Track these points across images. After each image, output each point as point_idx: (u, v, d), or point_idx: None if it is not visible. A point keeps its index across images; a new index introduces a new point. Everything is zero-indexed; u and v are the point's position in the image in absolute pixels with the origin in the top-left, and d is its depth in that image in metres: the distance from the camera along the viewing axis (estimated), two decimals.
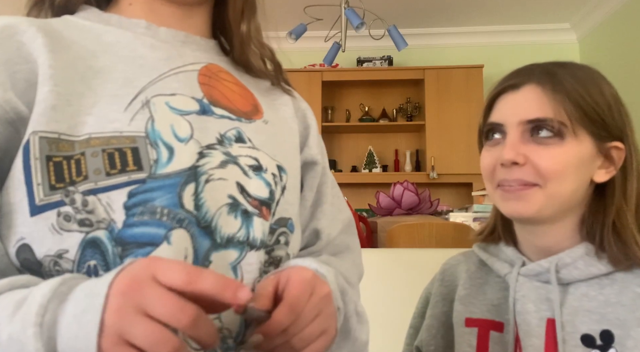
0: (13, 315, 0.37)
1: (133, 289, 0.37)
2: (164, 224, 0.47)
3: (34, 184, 0.45)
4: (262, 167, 0.56)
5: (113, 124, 0.49)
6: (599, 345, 0.66)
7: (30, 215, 0.44)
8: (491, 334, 0.74)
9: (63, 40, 0.52)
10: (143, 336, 0.36)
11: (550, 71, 0.70)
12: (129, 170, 0.47)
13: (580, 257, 0.69)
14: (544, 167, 0.67)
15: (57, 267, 0.44)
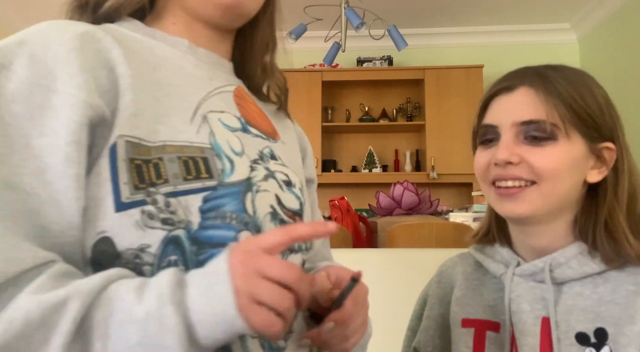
0: (140, 297, 0.42)
1: (248, 260, 0.44)
2: (233, 227, 0.53)
3: (120, 183, 0.49)
4: (292, 182, 0.63)
5: (183, 134, 0.54)
6: (593, 343, 0.66)
7: (115, 211, 0.48)
8: (487, 334, 0.76)
9: (131, 51, 0.55)
10: (268, 294, 0.43)
11: (543, 74, 0.72)
12: (202, 177, 0.53)
13: (574, 256, 0.70)
14: (538, 166, 0.68)
15: (138, 260, 0.48)
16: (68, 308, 0.41)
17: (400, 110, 4.09)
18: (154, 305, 0.42)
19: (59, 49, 0.50)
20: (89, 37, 0.53)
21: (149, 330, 0.41)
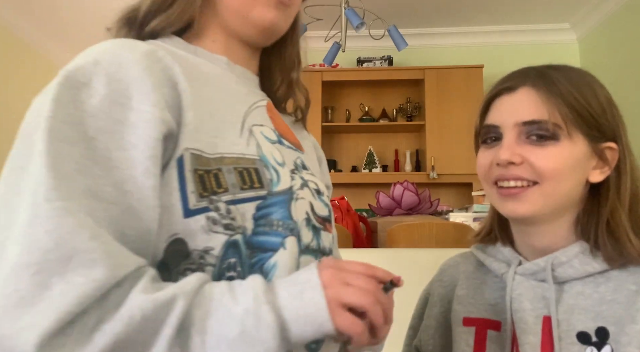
0: (234, 298, 0.48)
1: (336, 273, 0.52)
2: (281, 234, 0.58)
3: (188, 192, 0.53)
4: (321, 191, 0.68)
5: (236, 146, 0.59)
6: (594, 342, 0.67)
7: (184, 217, 0.53)
8: (488, 332, 0.76)
9: (185, 68, 0.59)
10: (354, 297, 0.50)
11: (545, 74, 0.72)
12: (255, 187, 0.58)
13: (576, 255, 0.70)
14: (540, 166, 0.68)
15: (202, 260, 0.53)
16: (175, 305, 0.46)
17: (400, 110, 4.09)
18: (252, 304, 0.47)
19: (131, 69, 0.53)
20: (154, 56, 0.56)
21: (248, 325, 0.46)
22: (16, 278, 0.42)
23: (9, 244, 0.44)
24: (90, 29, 3.76)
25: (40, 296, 0.42)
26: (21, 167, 0.48)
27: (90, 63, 0.53)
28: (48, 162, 0.47)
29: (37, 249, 0.43)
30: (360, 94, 4.18)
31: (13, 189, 0.48)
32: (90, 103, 0.51)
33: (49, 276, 0.43)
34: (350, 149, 4.17)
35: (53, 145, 0.47)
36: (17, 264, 0.43)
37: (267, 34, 0.68)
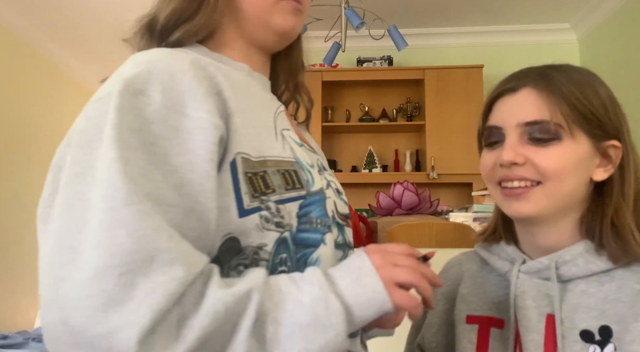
0: (300, 289, 0.52)
1: (383, 256, 0.58)
2: (320, 230, 0.62)
3: (242, 193, 0.56)
4: (340, 190, 0.73)
5: (275, 150, 0.62)
6: (597, 340, 0.67)
7: (238, 217, 0.56)
8: (492, 330, 0.76)
9: (224, 76, 0.61)
10: (404, 275, 0.57)
11: (546, 74, 0.72)
12: (296, 187, 0.62)
13: (580, 254, 0.70)
14: (543, 166, 0.68)
15: (255, 256, 0.57)
16: (252, 298, 0.49)
17: (400, 110, 4.09)
18: (319, 293, 0.52)
19: (182, 77, 0.56)
20: (199, 65, 0.58)
21: (318, 313, 0.51)
22: (102, 279, 0.44)
23: (86, 248, 0.46)
24: (93, 31, 3.76)
25: (128, 296, 0.44)
26: (83, 174, 0.50)
27: (144, 71, 0.55)
28: (121, 168, 0.48)
29: (120, 251, 0.45)
30: (360, 94, 4.17)
31: (77, 195, 0.49)
32: (148, 110, 0.52)
33: (134, 276, 0.45)
34: (350, 149, 4.16)
35: (123, 152, 0.49)
36: (101, 266, 0.44)
37: (285, 39, 0.71)
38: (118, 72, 0.56)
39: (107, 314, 0.44)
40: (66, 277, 0.46)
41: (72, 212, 0.48)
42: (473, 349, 0.76)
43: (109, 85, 0.55)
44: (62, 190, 0.51)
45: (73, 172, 0.51)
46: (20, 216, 3.65)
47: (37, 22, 3.67)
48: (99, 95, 0.55)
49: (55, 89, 4.20)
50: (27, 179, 3.76)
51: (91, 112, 0.54)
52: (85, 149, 0.51)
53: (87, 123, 0.53)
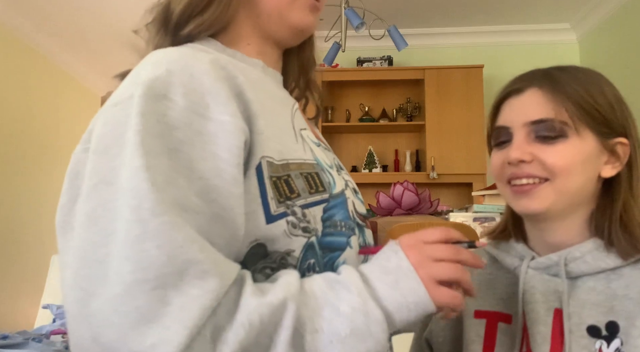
0: (337, 295, 0.50)
1: (421, 251, 0.54)
2: (345, 233, 0.61)
3: (268, 198, 0.54)
4: (357, 190, 0.71)
5: (296, 152, 0.60)
6: (604, 336, 0.68)
7: (266, 223, 0.54)
8: (499, 325, 0.77)
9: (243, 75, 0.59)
10: (445, 272, 0.54)
11: (551, 75, 0.74)
12: (320, 190, 0.60)
13: (589, 251, 0.71)
14: (550, 163, 0.70)
15: (283, 261, 0.55)
16: (288, 308, 0.47)
17: (400, 110, 4.09)
18: (358, 301, 0.50)
19: (203, 79, 0.53)
20: (219, 65, 0.56)
21: (358, 323, 0.49)
22: (133, 295, 0.42)
23: (115, 261, 0.44)
24: (96, 33, 3.76)
25: (161, 311, 0.42)
26: (106, 182, 0.48)
27: (164, 74, 0.52)
28: (148, 177, 0.46)
29: (150, 265, 0.43)
30: (360, 94, 4.17)
31: (102, 205, 0.47)
32: (171, 115, 0.50)
33: (166, 290, 0.43)
34: (350, 149, 4.16)
35: (148, 159, 0.47)
36: (132, 281, 0.43)
37: (301, 36, 0.70)
38: (137, 74, 0.54)
39: (141, 331, 0.42)
40: (95, 293, 0.44)
41: (97, 224, 0.46)
42: (480, 342, 0.77)
43: (127, 88, 0.52)
44: (84, 199, 0.48)
45: (95, 181, 0.48)
46: (20, 216, 3.65)
47: (39, 24, 3.67)
48: (117, 98, 0.52)
49: (56, 90, 4.20)
50: (27, 179, 3.76)
51: (110, 117, 0.51)
52: (106, 156, 0.49)
53: (106, 128, 0.51)
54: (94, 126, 0.53)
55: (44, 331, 2.31)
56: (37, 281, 3.26)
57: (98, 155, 0.49)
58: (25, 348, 1.98)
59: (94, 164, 0.49)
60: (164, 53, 0.56)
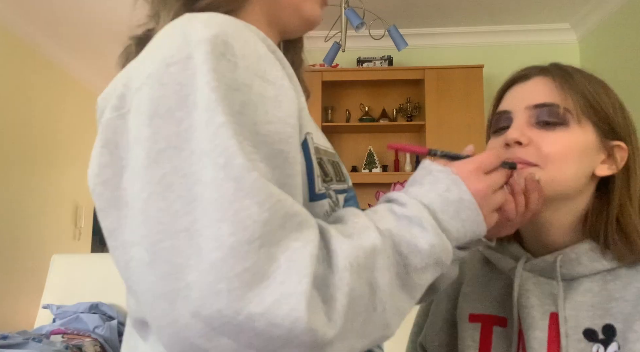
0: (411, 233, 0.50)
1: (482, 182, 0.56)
2: None
3: (315, 175, 0.53)
4: None
5: (320, 139, 0.59)
6: (601, 339, 0.66)
7: (309, 200, 0.52)
8: (494, 329, 0.76)
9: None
10: (499, 201, 0.58)
11: (561, 66, 0.73)
12: (342, 180, 0.60)
13: (584, 253, 0.70)
14: (546, 149, 0.68)
15: None
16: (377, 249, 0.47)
17: (400, 110, 4.09)
18: (435, 240, 0.50)
19: (258, 45, 0.51)
20: (261, 36, 0.54)
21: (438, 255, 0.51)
22: (239, 257, 0.39)
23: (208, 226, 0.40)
24: (94, 33, 3.76)
25: (271, 268, 0.40)
26: (176, 148, 0.43)
27: (220, 33, 0.48)
28: (234, 133, 0.43)
29: (253, 223, 0.40)
30: (360, 94, 4.17)
31: (175, 172, 0.43)
32: (231, 77, 0.46)
33: (271, 247, 0.41)
34: (350, 149, 4.16)
35: (230, 117, 0.44)
36: (234, 243, 0.40)
37: (307, 28, 0.69)
38: (183, 34, 0.48)
39: (256, 292, 0.39)
40: (187, 264, 0.40)
41: (174, 191, 0.42)
42: (476, 347, 0.76)
43: (179, 49, 0.47)
44: (147, 168, 0.44)
45: (160, 147, 0.44)
46: (20, 216, 3.65)
47: (39, 24, 3.67)
48: (169, 60, 0.46)
49: (56, 90, 4.20)
50: (26, 179, 3.76)
51: (167, 78, 0.46)
52: (170, 120, 0.44)
53: (165, 90, 0.45)
54: (126, 90, 0.48)
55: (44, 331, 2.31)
56: (37, 281, 3.26)
57: (158, 120, 0.45)
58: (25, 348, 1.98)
59: (154, 129, 0.44)
60: (208, 16, 0.51)
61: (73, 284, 2.56)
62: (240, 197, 0.41)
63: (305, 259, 0.41)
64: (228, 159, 0.42)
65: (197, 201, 0.41)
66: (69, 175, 4.35)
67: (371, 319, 0.45)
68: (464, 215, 0.54)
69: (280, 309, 0.39)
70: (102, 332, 2.32)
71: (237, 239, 0.40)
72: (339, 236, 0.46)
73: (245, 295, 0.39)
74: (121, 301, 2.50)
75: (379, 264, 0.46)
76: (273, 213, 0.41)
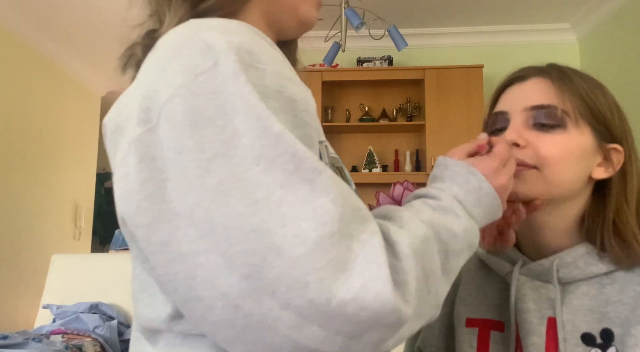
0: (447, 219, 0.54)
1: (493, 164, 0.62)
2: None
3: None
4: None
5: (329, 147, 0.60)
6: (599, 344, 0.66)
7: None
8: (492, 333, 0.75)
9: None
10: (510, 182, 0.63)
11: (559, 67, 0.73)
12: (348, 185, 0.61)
13: (581, 256, 0.70)
14: (544, 151, 0.68)
15: None
16: (429, 237, 0.51)
17: (400, 110, 4.09)
18: (468, 224, 0.56)
19: (272, 49, 0.52)
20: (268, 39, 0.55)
21: (470, 240, 0.56)
22: (323, 250, 0.42)
23: (281, 225, 0.43)
24: (95, 33, 3.76)
25: (350, 259, 0.43)
26: (224, 155, 0.44)
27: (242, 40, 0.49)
28: (292, 138, 0.45)
29: (331, 219, 0.43)
30: (360, 94, 4.17)
31: (230, 177, 0.44)
32: (262, 84, 0.47)
33: (347, 239, 0.44)
34: (350, 149, 4.16)
35: (284, 123, 0.46)
36: (318, 237, 0.42)
37: (305, 30, 0.70)
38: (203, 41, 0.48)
39: (343, 280, 0.42)
40: (268, 262, 0.42)
41: (233, 195, 0.43)
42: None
43: (203, 58, 0.47)
44: (199, 179, 0.44)
45: (207, 156, 0.44)
46: (20, 216, 3.65)
47: (39, 24, 3.67)
48: (195, 69, 0.47)
49: (56, 90, 4.20)
50: (26, 179, 3.76)
51: (199, 89, 0.46)
52: (212, 128, 0.45)
53: (199, 100, 0.46)
54: (151, 102, 0.48)
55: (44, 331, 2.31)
56: (37, 281, 3.26)
57: (199, 130, 0.45)
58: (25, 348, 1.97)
59: (198, 139, 0.45)
60: (218, 22, 0.51)
61: (73, 284, 2.55)
62: (316, 197, 0.44)
63: (377, 248, 0.44)
64: (297, 165, 0.45)
65: (261, 202, 0.43)
66: (69, 175, 4.35)
67: (427, 301, 0.49)
68: (484, 201, 0.59)
69: (368, 293, 0.42)
70: (102, 332, 2.32)
71: (319, 234, 0.42)
72: (395, 228, 0.49)
73: (333, 284, 0.42)
74: (121, 301, 2.50)
75: (431, 250, 0.50)
76: (345, 208, 0.45)
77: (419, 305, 0.47)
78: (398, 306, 0.43)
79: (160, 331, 0.53)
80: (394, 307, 0.43)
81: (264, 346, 0.44)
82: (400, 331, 0.46)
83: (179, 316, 0.51)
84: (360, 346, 0.44)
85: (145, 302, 0.55)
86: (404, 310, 0.44)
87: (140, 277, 0.56)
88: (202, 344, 0.50)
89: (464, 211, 0.57)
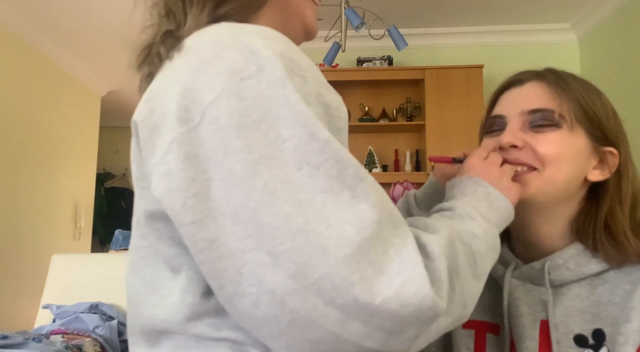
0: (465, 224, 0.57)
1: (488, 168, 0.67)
2: None
3: None
4: None
5: None
6: (591, 344, 0.67)
7: None
8: (487, 336, 0.76)
9: None
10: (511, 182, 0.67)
11: (556, 72, 0.74)
12: None
13: (572, 257, 0.71)
14: (542, 151, 0.69)
15: None
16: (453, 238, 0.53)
17: (400, 110, 4.09)
18: (485, 225, 0.59)
19: (302, 54, 0.54)
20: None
21: (491, 241, 0.58)
22: (364, 252, 0.45)
23: (326, 227, 0.45)
24: (96, 34, 3.76)
25: (387, 261, 0.45)
26: (270, 158, 0.46)
27: (284, 49, 0.51)
28: (341, 146, 0.49)
29: (371, 223, 0.46)
30: (360, 94, 4.17)
31: (275, 179, 0.45)
32: (304, 90, 0.49)
33: (383, 242, 0.46)
34: (350, 149, 4.06)
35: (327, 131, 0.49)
36: (360, 240, 0.45)
37: (308, 38, 0.72)
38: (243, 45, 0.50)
39: (383, 279, 0.44)
40: (313, 262, 0.44)
41: (279, 197, 0.45)
42: None
43: (247, 62, 0.48)
44: (246, 180, 0.46)
45: (254, 158, 0.46)
46: (20, 216, 3.65)
47: (39, 24, 3.67)
48: (241, 73, 0.48)
49: (56, 90, 4.20)
50: (27, 179, 3.76)
51: (244, 92, 0.47)
52: (257, 132, 0.46)
53: (245, 103, 0.47)
54: (191, 102, 0.49)
55: (44, 331, 2.31)
56: (37, 281, 3.26)
57: (246, 132, 0.46)
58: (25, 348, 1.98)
59: (244, 141, 0.46)
60: (255, 28, 0.53)
61: (73, 284, 2.56)
62: (356, 203, 0.46)
63: (411, 249, 0.47)
64: (340, 171, 0.47)
65: (306, 204, 0.45)
66: (68, 175, 4.35)
67: (453, 299, 0.50)
68: (496, 205, 0.63)
69: (408, 289, 0.44)
70: (102, 332, 2.32)
71: (361, 237, 0.45)
72: (423, 232, 0.52)
73: (375, 283, 0.44)
74: (121, 301, 2.50)
75: (456, 251, 0.52)
76: (382, 214, 0.47)
77: (449, 303, 0.48)
78: (436, 301, 0.45)
79: (172, 332, 0.53)
80: (433, 303, 0.45)
81: (307, 341, 0.45)
82: (432, 326, 0.47)
83: (195, 318, 0.51)
84: (399, 342, 0.46)
85: (153, 303, 0.54)
86: (440, 305, 0.46)
87: (148, 278, 0.56)
88: (217, 348, 0.51)
89: (480, 215, 0.59)
